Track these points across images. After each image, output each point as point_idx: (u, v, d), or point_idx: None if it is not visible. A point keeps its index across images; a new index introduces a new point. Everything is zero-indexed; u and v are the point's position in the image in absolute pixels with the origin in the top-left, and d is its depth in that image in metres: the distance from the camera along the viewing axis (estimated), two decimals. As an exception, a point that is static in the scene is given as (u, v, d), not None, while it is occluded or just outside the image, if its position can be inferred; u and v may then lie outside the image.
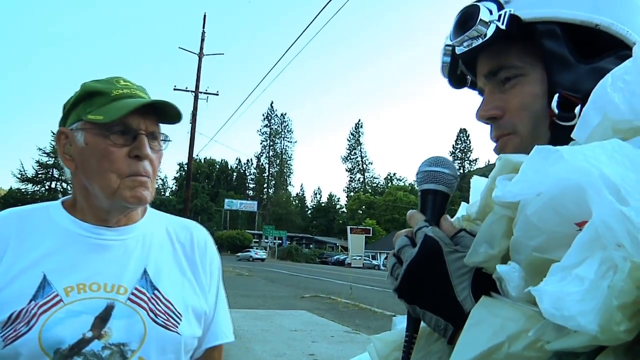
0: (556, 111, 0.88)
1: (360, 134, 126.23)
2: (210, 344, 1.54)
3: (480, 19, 0.90)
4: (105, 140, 1.33)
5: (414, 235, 0.85)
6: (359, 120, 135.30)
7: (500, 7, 0.91)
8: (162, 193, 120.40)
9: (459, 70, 1.08)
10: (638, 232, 0.51)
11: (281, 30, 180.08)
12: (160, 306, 1.37)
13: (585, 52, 0.89)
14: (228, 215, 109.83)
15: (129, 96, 1.37)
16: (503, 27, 0.89)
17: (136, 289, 1.36)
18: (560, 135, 0.87)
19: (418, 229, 0.84)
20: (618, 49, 0.89)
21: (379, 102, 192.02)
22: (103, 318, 1.29)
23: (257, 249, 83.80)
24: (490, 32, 0.90)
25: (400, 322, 1.07)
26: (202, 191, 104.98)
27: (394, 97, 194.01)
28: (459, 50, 0.96)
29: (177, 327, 1.37)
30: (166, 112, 1.40)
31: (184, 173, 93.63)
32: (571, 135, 0.76)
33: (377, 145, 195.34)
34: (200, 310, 1.47)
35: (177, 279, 1.46)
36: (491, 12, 0.90)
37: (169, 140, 1.46)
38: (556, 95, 0.88)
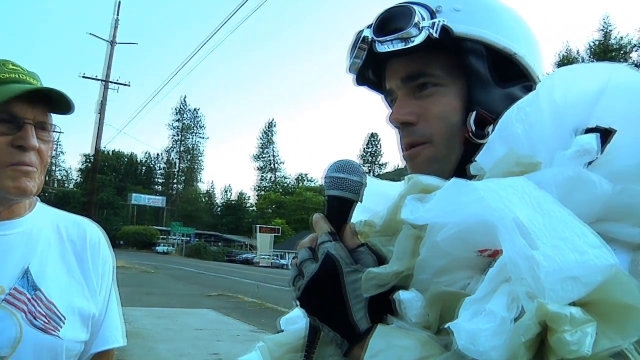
0: (472, 128, 0.90)
1: (272, 133, 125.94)
2: (99, 348, 1.45)
3: (415, 22, 0.90)
4: None
5: (316, 247, 0.85)
6: (272, 119, 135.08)
7: (432, 15, 0.91)
8: (66, 185, 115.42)
9: (368, 68, 1.05)
10: (540, 272, 0.56)
11: (198, 24, 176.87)
12: (41, 308, 1.28)
13: (500, 76, 0.94)
14: (135, 210, 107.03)
15: (16, 81, 1.27)
16: (435, 35, 0.89)
17: (15, 289, 1.26)
18: (472, 152, 0.89)
19: (321, 242, 0.84)
20: (523, 79, 0.95)
21: (292, 103, 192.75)
22: None
23: (163, 245, 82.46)
24: (420, 38, 0.90)
25: (287, 324, 1.06)
26: (109, 184, 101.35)
27: (308, 98, 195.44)
28: (380, 48, 0.93)
29: (58, 330, 1.29)
30: (57, 101, 1.31)
31: (89, 165, 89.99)
32: (475, 158, 0.80)
33: (289, 145, 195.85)
34: (88, 313, 1.38)
35: (63, 279, 1.37)
36: (423, 18, 0.91)
37: (61, 132, 1.37)
38: (474, 113, 0.90)
